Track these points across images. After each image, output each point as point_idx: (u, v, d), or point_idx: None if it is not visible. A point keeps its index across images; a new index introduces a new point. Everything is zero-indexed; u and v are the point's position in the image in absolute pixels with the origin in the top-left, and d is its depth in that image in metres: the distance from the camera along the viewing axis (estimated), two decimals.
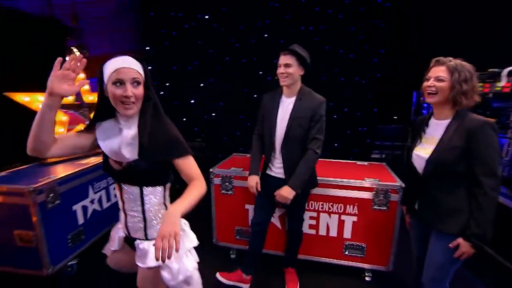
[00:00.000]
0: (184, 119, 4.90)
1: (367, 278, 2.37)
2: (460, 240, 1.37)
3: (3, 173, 2.34)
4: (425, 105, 3.89)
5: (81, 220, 2.45)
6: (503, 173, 2.60)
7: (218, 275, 2.26)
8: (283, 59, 1.83)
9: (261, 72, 4.62)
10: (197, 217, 3.43)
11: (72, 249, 2.35)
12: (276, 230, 2.45)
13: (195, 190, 1.19)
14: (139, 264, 1.26)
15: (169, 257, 0.94)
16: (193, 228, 3.19)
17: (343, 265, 2.40)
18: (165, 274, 1.27)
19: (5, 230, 2.08)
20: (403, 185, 2.16)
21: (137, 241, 1.29)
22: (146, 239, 1.29)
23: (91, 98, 3.06)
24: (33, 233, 2.03)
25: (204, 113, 4.88)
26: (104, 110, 1.18)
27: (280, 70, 1.84)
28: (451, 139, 1.36)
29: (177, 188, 4.27)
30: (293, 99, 1.90)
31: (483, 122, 1.31)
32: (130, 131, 1.19)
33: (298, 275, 2.36)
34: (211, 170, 2.53)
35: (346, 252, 2.38)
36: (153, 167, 1.21)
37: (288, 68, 1.82)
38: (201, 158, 4.50)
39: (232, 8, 4.50)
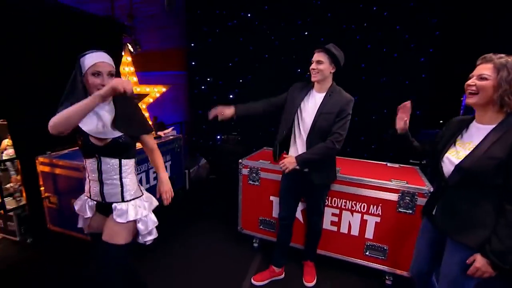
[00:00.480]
0: None
1: (387, 282, 2.34)
2: (477, 256, 1.25)
3: (64, 152, 2.75)
4: None
5: None
6: None
7: (253, 281, 2.33)
8: (316, 56, 1.91)
9: (299, 70, 4.66)
10: (226, 203, 3.68)
11: None
12: (298, 224, 2.53)
13: (161, 159, 1.70)
14: (121, 220, 1.48)
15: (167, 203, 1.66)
16: (221, 213, 3.43)
17: (363, 265, 2.39)
18: (140, 226, 1.54)
19: (65, 198, 2.46)
20: (431, 188, 2.10)
21: (114, 204, 1.51)
22: (123, 200, 1.52)
23: (139, 89, 3.41)
24: None
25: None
26: (73, 92, 1.37)
27: (312, 66, 1.92)
28: (491, 148, 1.21)
29: (213, 178, 4.52)
30: (323, 94, 1.97)
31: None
32: (107, 113, 1.43)
33: (316, 269, 2.41)
34: (240, 160, 2.69)
35: (367, 253, 2.36)
36: (130, 142, 1.49)
37: (319, 64, 1.89)
38: (235, 151, 4.74)
39: (274, 6, 4.61)
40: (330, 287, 2.31)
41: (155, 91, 3.56)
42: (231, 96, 5.11)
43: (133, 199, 1.54)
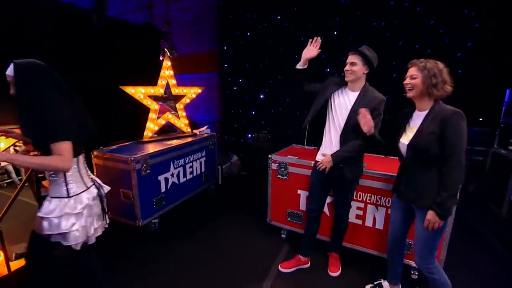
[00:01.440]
0: (253, 113, 5.37)
1: (413, 276, 2.37)
2: (429, 211, 1.64)
3: (114, 147, 3.12)
4: None
5: (163, 188, 3.09)
6: None
7: (280, 267, 2.49)
8: (350, 58, 2.03)
9: (328, 69, 4.73)
10: (256, 198, 3.87)
11: (156, 210, 3.01)
12: (324, 216, 2.64)
13: (41, 160, 1.41)
14: (38, 213, 1.54)
15: None
16: (251, 207, 3.63)
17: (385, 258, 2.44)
18: (44, 224, 1.51)
19: (114, 188, 2.81)
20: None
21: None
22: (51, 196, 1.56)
23: (177, 91, 3.72)
24: (132, 192, 2.72)
25: (271, 108, 5.27)
26: None
27: (346, 67, 2.05)
28: (428, 126, 1.62)
29: (244, 174, 4.77)
30: (356, 93, 2.09)
31: (453, 111, 1.58)
32: None
33: (341, 260, 2.51)
34: (270, 156, 2.87)
35: None
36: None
37: (353, 66, 2.01)
38: (265, 149, 4.93)
39: (303, 7, 4.73)
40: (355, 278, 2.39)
41: (191, 92, 3.85)
42: (261, 96, 5.33)
43: (56, 197, 1.53)
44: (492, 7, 3.86)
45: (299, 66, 2.19)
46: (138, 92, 3.33)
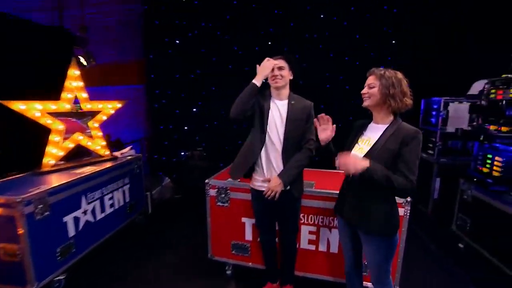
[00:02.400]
0: (186, 128, 4.88)
1: None
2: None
3: None
4: (433, 113, 3.76)
5: (72, 232, 2.40)
6: None
7: None
8: (276, 63, 1.88)
9: (264, 81, 4.57)
10: (194, 225, 3.40)
11: (61, 263, 2.30)
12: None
13: None
14: None
15: None
16: (188, 239, 3.13)
17: (345, 284, 2.26)
18: None
19: None
20: (409, 198, 2.07)
21: None
22: None
23: (89, 106, 3.06)
24: (18, 247, 1.99)
25: (205, 122, 4.86)
26: None
27: (274, 72, 1.87)
28: (387, 142, 1.53)
29: (179, 197, 4.20)
30: (284, 102, 1.94)
31: (416, 131, 1.50)
32: None
33: None
34: (206, 181, 2.47)
35: None
36: None
37: (282, 70, 1.88)
38: (201, 167, 4.47)
39: (236, 16, 4.52)
40: None
41: (108, 108, 3.21)
42: (194, 110, 4.88)
43: None
44: (405, 26, 4.21)
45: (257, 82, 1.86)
46: (32, 109, 2.59)
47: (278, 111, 1.92)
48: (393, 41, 4.29)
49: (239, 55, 4.63)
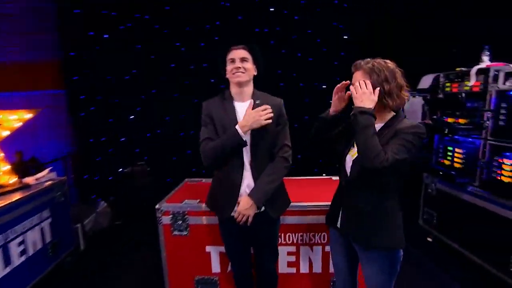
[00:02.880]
0: (123, 139, 4.16)
1: None
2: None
3: None
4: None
5: None
6: (481, 175, 2.47)
7: None
8: (238, 53, 1.57)
9: (213, 80, 4.15)
10: (141, 266, 2.79)
11: None
12: None
13: None
14: None
15: None
16: (135, 278, 2.54)
17: None
18: None
19: None
20: None
21: None
22: None
23: None
24: None
25: (146, 131, 4.20)
26: None
27: (236, 64, 1.55)
28: (380, 140, 1.28)
29: (119, 224, 3.49)
30: (247, 103, 1.59)
31: (413, 126, 1.27)
32: None
33: None
34: (157, 206, 1.96)
35: None
36: None
37: (244, 62, 1.56)
38: (145, 185, 3.84)
39: (177, 7, 3.98)
40: None
41: (10, 120, 2.45)
42: (132, 117, 4.19)
43: None
44: (356, 21, 4.20)
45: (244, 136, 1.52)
46: None
47: (241, 115, 1.56)
48: (345, 37, 4.24)
49: (181, 51, 4.12)
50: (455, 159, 2.75)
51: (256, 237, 1.69)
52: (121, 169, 3.99)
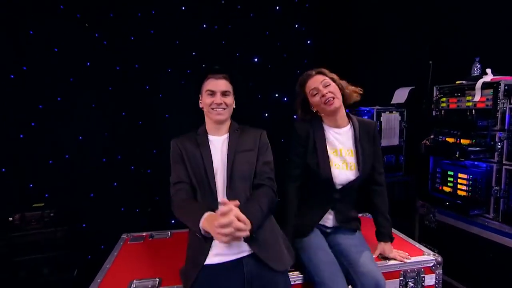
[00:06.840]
0: (4, 170, 2.90)
1: None
2: (382, 246, 1.63)
3: None
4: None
5: None
6: (496, 205, 2.27)
7: None
8: (219, 85, 1.56)
9: (148, 87, 3.32)
10: None
11: None
12: None
13: None
14: None
15: None
16: None
17: None
18: None
19: None
20: (439, 258, 1.70)
21: None
22: None
23: None
24: None
25: (47, 156, 3.03)
26: None
27: (216, 99, 1.54)
28: (364, 146, 1.59)
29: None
30: (225, 136, 1.63)
31: (374, 122, 1.62)
32: None
33: None
34: None
35: None
36: None
37: (226, 97, 1.57)
38: (46, 240, 2.64)
39: None
40: None
41: None
42: (21, 136, 2.99)
43: None
44: (321, 24, 3.93)
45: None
46: None
47: (218, 147, 1.59)
48: (308, 41, 3.90)
49: (103, 46, 3.21)
50: (459, 186, 2.51)
51: None
52: (10, 218, 2.61)
